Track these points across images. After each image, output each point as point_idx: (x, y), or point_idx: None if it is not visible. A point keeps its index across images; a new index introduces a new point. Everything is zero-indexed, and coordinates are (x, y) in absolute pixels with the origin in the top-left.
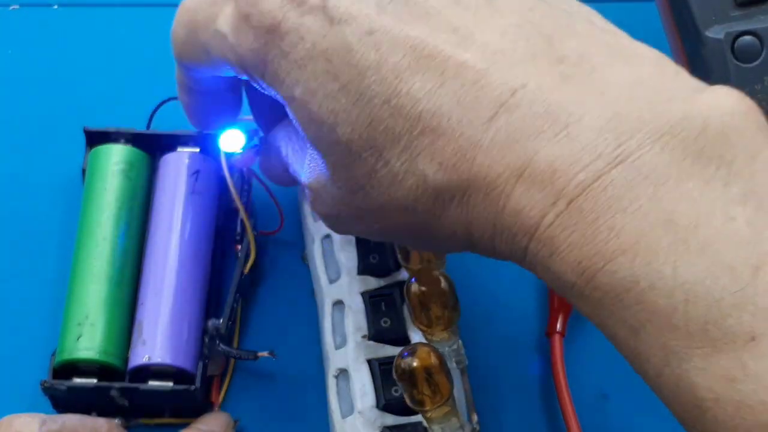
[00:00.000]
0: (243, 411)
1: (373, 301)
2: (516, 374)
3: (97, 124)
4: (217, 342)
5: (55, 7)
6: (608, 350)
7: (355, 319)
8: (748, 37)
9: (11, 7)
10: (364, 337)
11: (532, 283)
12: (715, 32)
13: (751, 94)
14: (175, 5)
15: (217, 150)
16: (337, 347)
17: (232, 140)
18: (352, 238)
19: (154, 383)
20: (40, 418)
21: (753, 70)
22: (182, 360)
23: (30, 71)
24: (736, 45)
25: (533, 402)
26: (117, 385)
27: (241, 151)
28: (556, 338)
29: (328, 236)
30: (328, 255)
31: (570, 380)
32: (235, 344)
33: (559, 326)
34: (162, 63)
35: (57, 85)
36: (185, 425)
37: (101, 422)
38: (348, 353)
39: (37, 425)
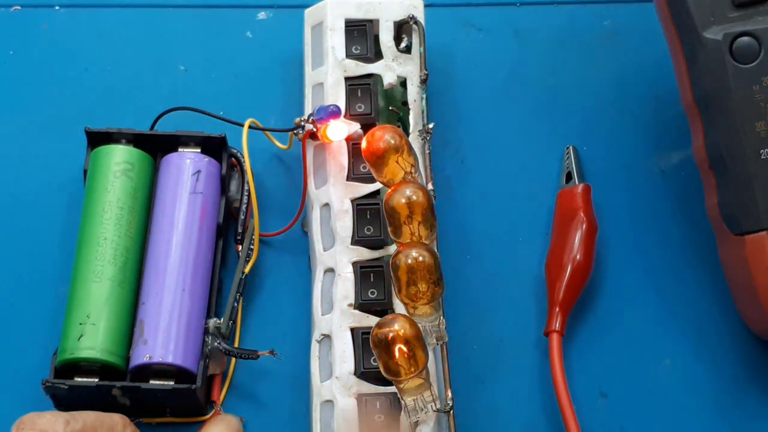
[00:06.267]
0: (244, 410)
1: (363, 271)
2: (515, 373)
3: (99, 125)
4: (218, 341)
5: (57, 8)
6: (607, 349)
7: (344, 288)
8: (746, 38)
9: (13, 8)
10: (350, 305)
11: (531, 283)
12: (714, 33)
13: (749, 95)
14: (176, 6)
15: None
16: (324, 313)
17: (337, 130)
18: (350, 208)
19: (155, 382)
20: (63, 418)
21: (751, 71)
22: (183, 359)
23: (32, 72)
24: (734, 46)
25: (532, 400)
26: (118, 384)
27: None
28: (555, 337)
29: (326, 204)
30: (325, 223)
31: (569, 379)
32: (235, 343)
33: (557, 325)
34: (163, 64)
35: (58, 85)
36: (186, 424)
37: (116, 418)
38: (333, 320)
39: (61, 425)
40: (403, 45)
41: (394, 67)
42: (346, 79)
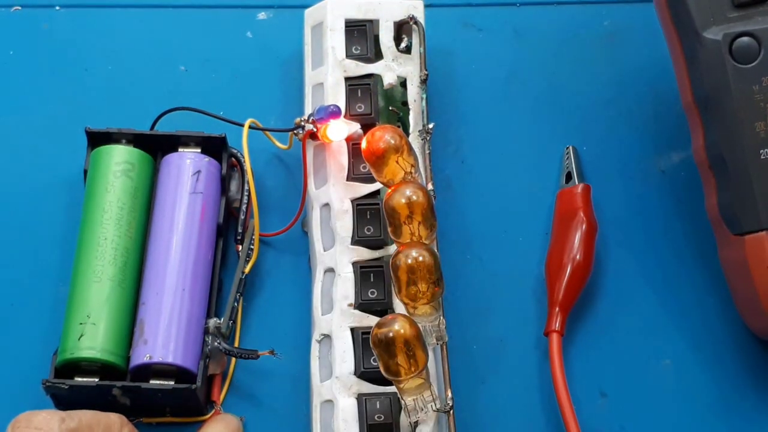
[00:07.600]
0: (244, 410)
1: (363, 271)
2: (515, 373)
3: (99, 125)
4: (218, 341)
5: (57, 8)
6: (607, 349)
7: (344, 288)
8: (745, 39)
9: (13, 9)
10: (350, 305)
11: (531, 283)
12: (714, 33)
13: (749, 95)
14: (176, 7)
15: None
16: (324, 313)
17: (337, 130)
18: (350, 208)
19: (155, 382)
20: (58, 416)
21: (751, 71)
22: (183, 359)
23: (32, 72)
24: (734, 46)
25: (532, 400)
26: (119, 383)
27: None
28: (555, 337)
29: (326, 204)
30: (325, 223)
31: (568, 379)
32: (236, 343)
33: (557, 325)
34: (163, 65)
35: (59, 86)
36: (186, 424)
37: (114, 418)
38: (333, 319)
39: (56, 423)
40: (403, 45)
41: (394, 68)
42: (346, 79)
